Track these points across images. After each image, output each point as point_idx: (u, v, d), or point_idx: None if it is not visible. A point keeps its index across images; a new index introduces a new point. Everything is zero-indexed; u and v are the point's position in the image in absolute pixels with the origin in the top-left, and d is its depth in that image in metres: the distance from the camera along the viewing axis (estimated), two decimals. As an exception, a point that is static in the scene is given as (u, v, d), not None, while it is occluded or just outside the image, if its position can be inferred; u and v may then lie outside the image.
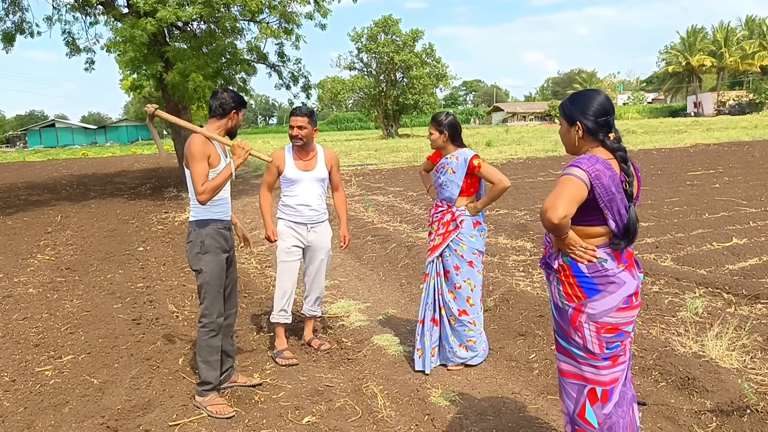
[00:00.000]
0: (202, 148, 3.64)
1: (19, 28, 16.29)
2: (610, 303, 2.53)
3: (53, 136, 71.79)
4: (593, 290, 2.53)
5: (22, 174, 26.42)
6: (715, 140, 26.55)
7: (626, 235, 2.54)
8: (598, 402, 2.58)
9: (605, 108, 2.59)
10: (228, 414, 3.71)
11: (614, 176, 2.49)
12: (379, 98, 58.46)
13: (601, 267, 2.52)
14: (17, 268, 7.96)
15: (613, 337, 2.56)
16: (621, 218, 2.51)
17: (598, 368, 2.58)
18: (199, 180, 3.62)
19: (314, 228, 4.65)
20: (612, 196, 2.47)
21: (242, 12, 15.88)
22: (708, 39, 79.19)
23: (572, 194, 2.39)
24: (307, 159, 4.58)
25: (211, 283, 3.78)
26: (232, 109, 3.78)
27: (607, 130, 2.58)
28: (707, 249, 7.08)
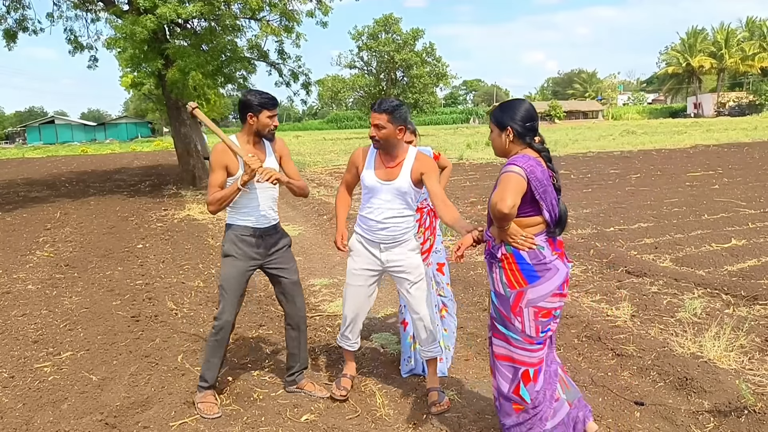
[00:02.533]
0: (218, 158, 3.59)
1: (21, 25, 16.28)
2: (547, 288, 2.84)
3: (52, 133, 71.70)
4: (533, 277, 2.83)
5: (21, 170, 26.41)
6: (714, 141, 26.57)
7: (559, 224, 2.91)
8: (531, 382, 2.91)
9: (531, 114, 2.92)
10: (213, 415, 3.67)
11: (544, 171, 2.86)
12: (379, 97, 58.41)
13: (541, 255, 2.83)
14: (16, 265, 7.96)
15: (547, 321, 2.88)
16: (553, 209, 2.87)
17: (531, 351, 2.89)
18: (209, 189, 3.61)
19: (390, 248, 3.74)
20: (545, 188, 2.83)
21: (243, 10, 15.87)
22: (708, 40, 79.23)
23: (516, 187, 2.73)
24: (389, 165, 3.68)
25: (224, 286, 3.73)
26: (247, 113, 3.63)
27: (533, 133, 2.92)
28: (706, 250, 7.09)
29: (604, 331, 4.67)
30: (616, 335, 4.59)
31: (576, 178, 15.04)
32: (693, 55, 77.46)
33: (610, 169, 16.81)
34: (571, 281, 6.11)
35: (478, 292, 5.92)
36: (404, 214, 3.70)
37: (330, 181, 16.89)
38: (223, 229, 10.35)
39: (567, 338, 4.70)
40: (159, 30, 14.54)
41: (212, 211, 3.66)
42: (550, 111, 78.44)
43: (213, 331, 3.77)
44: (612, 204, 10.58)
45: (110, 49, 15.43)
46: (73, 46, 16.88)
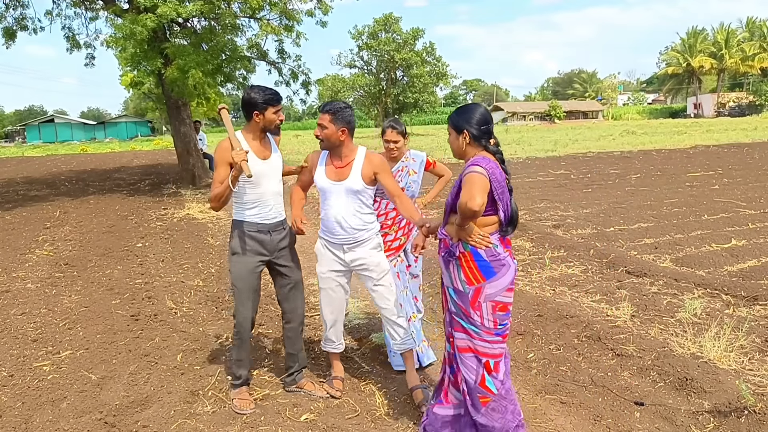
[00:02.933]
0: (222, 154, 3.60)
1: (20, 24, 16.25)
2: (502, 283, 2.99)
3: (52, 132, 71.64)
4: (491, 273, 2.97)
5: (20, 169, 26.39)
6: (714, 142, 26.57)
7: (511, 223, 3.03)
8: (493, 371, 3.02)
9: (486, 118, 3.07)
10: (248, 410, 3.74)
11: (502, 173, 2.98)
12: (379, 96, 58.51)
13: (496, 252, 2.98)
14: (16, 263, 7.95)
15: (504, 315, 3.03)
16: (507, 209, 3.00)
17: (491, 343, 3.01)
18: (213, 184, 3.61)
19: (353, 248, 3.79)
20: (503, 188, 2.96)
21: (243, 9, 15.86)
22: (708, 40, 79.22)
23: (482, 186, 2.85)
24: (339, 166, 3.74)
25: (236, 284, 3.76)
26: (253, 111, 3.63)
27: (488, 136, 3.06)
28: (706, 250, 7.09)
29: (604, 331, 4.67)
30: (616, 335, 4.58)
31: (576, 178, 15.03)
32: (693, 56, 77.45)
33: (610, 169, 16.80)
34: (571, 281, 6.11)
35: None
36: (361, 212, 3.75)
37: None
38: (223, 228, 10.37)
39: (567, 338, 4.70)
40: (159, 29, 14.53)
41: (214, 208, 3.65)
42: (550, 111, 78.42)
43: (234, 330, 3.83)
44: (612, 204, 10.57)
45: (110, 48, 15.42)
46: (71, 44, 16.85)
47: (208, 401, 3.89)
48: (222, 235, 9.65)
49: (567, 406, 3.77)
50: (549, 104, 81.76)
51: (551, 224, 8.92)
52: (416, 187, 4.42)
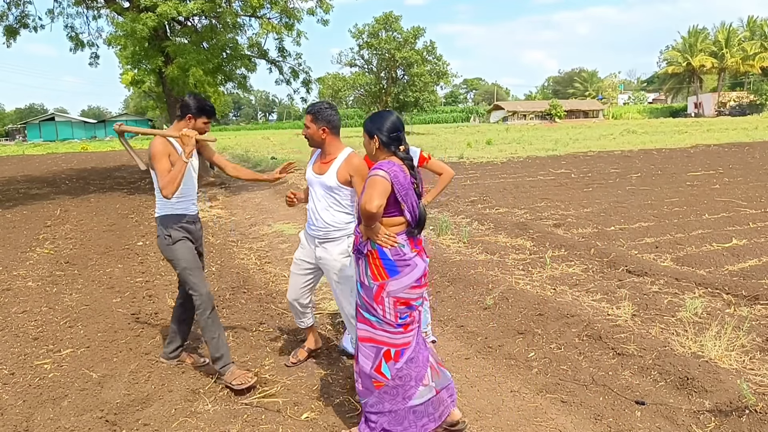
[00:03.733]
0: (162, 147, 3.90)
1: (21, 21, 16.25)
2: (406, 281, 3.20)
3: (53, 130, 71.65)
4: (394, 271, 3.18)
5: (21, 167, 26.39)
6: (715, 141, 26.57)
7: (418, 224, 3.24)
8: (392, 360, 3.25)
9: (395, 126, 3.27)
10: (250, 382, 3.96)
11: (406, 177, 3.19)
12: (379, 95, 58.47)
13: (401, 251, 3.18)
14: (16, 262, 7.95)
15: (405, 309, 3.24)
16: (414, 211, 3.21)
17: (392, 334, 3.24)
18: (161, 175, 3.83)
19: (324, 244, 3.99)
20: (407, 191, 3.16)
21: (243, 7, 15.87)
22: (709, 40, 79.18)
23: (381, 189, 3.06)
24: (323, 162, 3.97)
25: (188, 266, 4.05)
26: (187, 114, 4.01)
27: (397, 143, 3.26)
28: (707, 249, 7.08)
29: (605, 330, 4.67)
30: (616, 334, 4.58)
31: (576, 177, 15.03)
32: (694, 55, 77.45)
33: (611, 168, 16.79)
34: (572, 280, 6.11)
35: (478, 291, 5.91)
36: (335, 209, 3.94)
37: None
38: (224, 227, 10.36)
39: (568, 337, 4.70)
40: (159, 27, 14.53)
41: (170, 192, 3.83)
42: (550, 110, 78.41)
43: (200, 312, 4.03)
44: (612, 203, 10.57)
45: (111, 46, 15.42)
46: (74, 43, 16.87)
47: (209, 399, 3.89)
48: (223, 233, 9.65)
49: (568, 405, 3.77)
50: (549, 103, 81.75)
51: (552, 223, 8.92)
52: None
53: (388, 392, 3.25)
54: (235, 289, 6.44)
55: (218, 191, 14.97)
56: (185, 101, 4.08)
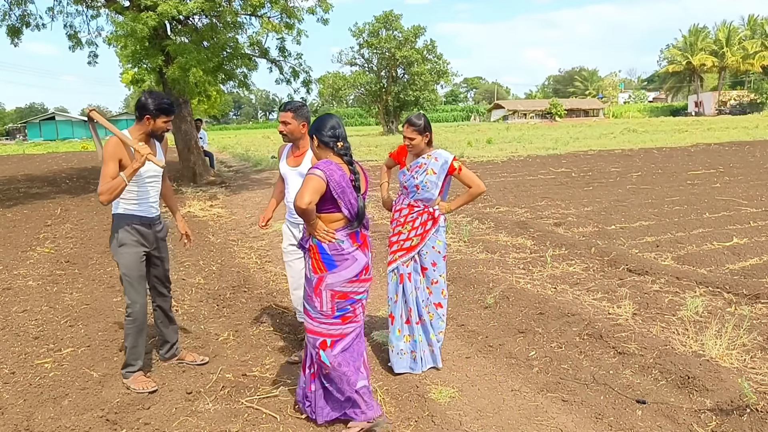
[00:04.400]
0: (113, 150, 3.80)
1: (23, 20, 16.23)
2: (344, 276, 3.37)
3: (53, 129, 71.64)
4: (332, 265, 3.36)
5: (21, 167, 26.40)
6: (715, 140, 26.57)
7: (358, 219, 3.40)
8: (329, 349, 3.42)
9: (332, 126, 3.46)
10: (150, 388, 3.97)
11: (344, 175, 3.34)
12: (379, 94, 58.43)
13: (339, 247, 3.36)
14: (17, 261, 7.95)
15: (344, 302, 3.42)
16: (352, 207, 3.36)
17: (329, 325, 3.42)
18: (103, 179, 3.77)
19: None
20: (343, 189, 3.31)
21: (244, 6, 15.85)
22: (710, 38, 79.12)
23: (314, 187, 3.23)
24: (296, 155, 4.34)
25: (128, 273, 3.99)
26: (145, 115, 3.92)
27: (335, 140, 3.44)
28: (708, 248, 7.08)
29: (606, 329, 4.67)
30: (617, 333, 4.58)
31: (577, 176, 15.02)
32: (694, 54, 77.41)
33: (611, 167, 16.79)
34: (573, 279, 6.10)
35: (479, 290, 5.91)
36: None
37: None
38: (224, 226, 10.35)
39: (569, 336, 4.69)
40: (160, 27, 14.51)
41: (105, 200, 3.77)
42: (550, 109, 78.36)
43: (129, 319, 4.01)
44: (613, 202, 10.56)
45: (111, 45, 15.40)
46: (74, 42, 16.84)
47: (210, 399, 3.89)
48: (223, 232, 9.65)
49: (569, 404, 3.77)
50: (550, 102, 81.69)
51: (552, 222, 8.92)
52: (433, 188, 4.25)
53: (332, 377, 3.45)
54: (235, 288, 6.44)
55: (218, 190, 14.97)
56: (142, 101, 3.94)
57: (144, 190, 4.03)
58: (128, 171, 3.77)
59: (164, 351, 4.47)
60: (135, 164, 3.77)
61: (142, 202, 4.03)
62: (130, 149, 3.85)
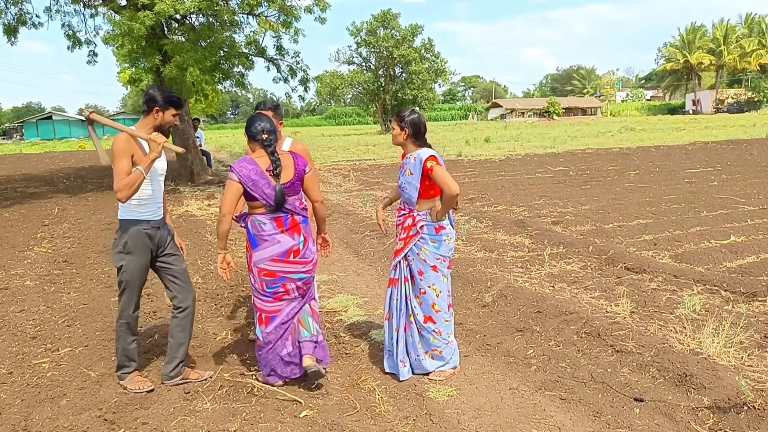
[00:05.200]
0: (124, 146, 3.68)
1: (20, 19, 16.19)
2: (265, 254, 3.78)
3: (50, 129, 71.49)
4: (254, 244, 3.81)
5: (19, 166, 26.35)
6: (713, 138, 26.60)
7: (278, 205, 3.74)
8: (263, 324, 3.91)
9: (257, 122, 3.82)
10: (147, 387, 3.96)
11: (256, 168, 3.72)
12: (377, 93, 58.41)
13: (260, 227, 3.77)
14: (14, 261, 7.94)
15: (272, 281, 3.83)
16: (266, 196, 3.72)
17: (263, 300, 3.89)
18: (118, 177, 3.65)
19: None
20: (254, 181, 3.69)
21: (241, 5, 15.83)
22: (707, 37, 79.19)
23: (231, 194, 3.71)
24: None
25: (131, 281, 3.90)
26: (154, 107, 3.82)
27: (261, 133, 3.78)
28: (705, 246, 7.09)
29: (604, 327, 4.67)
30: (615, 331, 4.58)
31: (575, 174, 15.03)
32: (692, 52, 77.49)
33: (609, 165, 16.81)
34: (570, 277, 6.11)
35: (477, 288, 5.92)
36: None
37: (329, 177, 16.86)
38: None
39: (566, 334, 4.70)
40: (157, 26, 14.49)
41: (124, 197, 3.67)
42: (548, 108, 78.38)
43: (122, 322, 3.96)
44: (611, 200, 10.58)
45: (108, 44, 15.38)
46: (72, 41, 16.80)
47: (208, 398, 3.88)
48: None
49: (567, 403, 3.78)
50: (547, 101, 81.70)
51: (550, 221, 8.93)
52: (412, 190, 4.04)
53: (262, 352, 3.94)
54: (233, 287, 6.43)
55: (216, 189, 14.94)
56: (150, 94, 3.86)
57: (156, 188, 3.94)
58: (146, 162, 3.69)
59: (170, 369, 4.06)
60: (152, 154, 3.70)
61: (152, 202, 3.92)
62: (141, 144, 3.77)
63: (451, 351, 4.21)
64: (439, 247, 4.10)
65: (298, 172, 3.85)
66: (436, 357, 4.17)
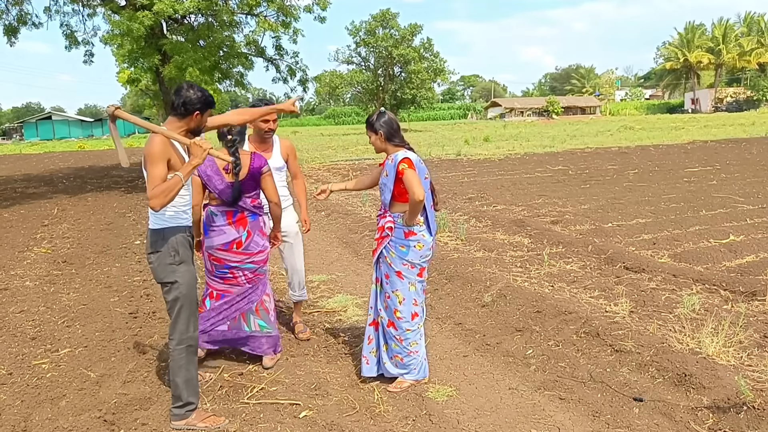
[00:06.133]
0: (162, 149, 3.28)
1: (20, 19, 16.21)
2: (212, 243, 4.22)
3: (50, 129, 71.46)
4: (206, 232, 4.25)
5: (18, 166, 26.34)
6: (712, 137, 26.62)
7: (233, 201, 4.13)
8: (213, 298, 4.38)
9: None
10: (223, 423, 3.56)
11: (213, 165, 4.11)
12: (376, 92, 58.40)
13: (212, 218, 4.21)
14: (14, 261, 7.94)
15: (220, 266, 4.28)
16: (219, 191, 4.13)
17: (213, 281, 4.36)
18: (152, 182, 3.23)
19: None
20: (209, 176, 4.12)
21: (240, 5, 15.85)
22: (706, 35, 79.19)
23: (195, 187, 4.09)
24: (264, 150, 4.74)
25: (188, 294, 3.52)
26: (195, 111, 3.43)
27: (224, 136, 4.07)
28: (704, 246, 7.09)
29: (603, 327, 4.67)
30: (614, 331, 4.59)
31: (574, 173, 15.04)
32: (691, 51, 77.46)
33: (608, 164, 16.81)
34: (569, 277, 6.11)
35: (476, 288, 5.92)
36: (280, 185, 4.68)
37: (327, 177, 16.86)
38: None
39: (566, 334, 4.70)
40: (156, 26, 14.50)
41: (159, 205, 3.21)
42: (547, 107, 78.39)
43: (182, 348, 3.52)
44: (610, 200, 10.58)
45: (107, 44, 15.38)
46: (69, 41, 16.82)
47: (208, 398, 3.88)
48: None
49: (566, 402, 3.78)
50: (546, 100, 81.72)
51: (549, 220, 8.93)
52: (386, 192, 3.97)
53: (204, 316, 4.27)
54: (233, 287, 6.43)
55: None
56: (189, 95, 3.41)
57: (189, 193, 3.61)
58: (186, 169, 3.27)
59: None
60: (195, 160, 3.27)
61: (188, 209, 3.60)
62: (176, 147, 3.41)
63: (413, 361, 4.05)
64: (407, 252, 3.96)
65: (252, 170, 4.15)
66: (399, 365, 4.05)
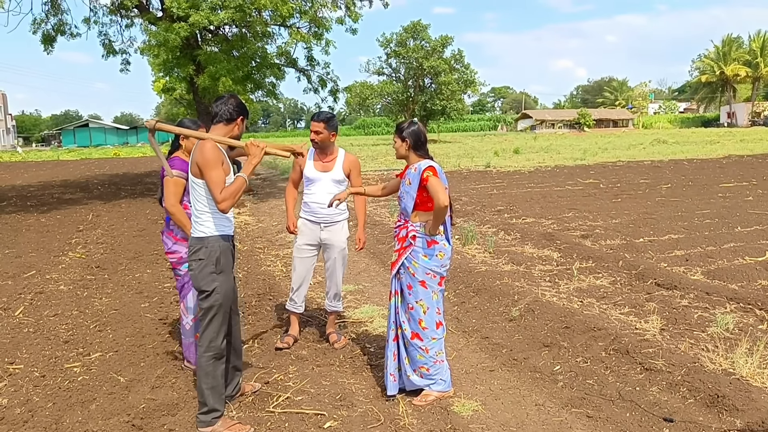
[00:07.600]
0: (217, 154, 3.41)
1: (59, 29, 16.71)
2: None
3: (87, 136, 73.28)
4: None
5: (56, 172, 27.01)
6: (748, 152, 26.04)
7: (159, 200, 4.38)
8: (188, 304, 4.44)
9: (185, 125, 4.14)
10: (249, 430, 3.60)
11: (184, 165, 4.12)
12: (406, 103, 58.59)
13: None
14: (49, 265, 8.13)
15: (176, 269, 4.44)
16: None
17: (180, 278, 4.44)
18: (217, 187, 3.37)
19: (328, 227, 4.90)
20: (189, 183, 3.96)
21: (273, 16, 16.06)
22: (743, 48, 77.67)
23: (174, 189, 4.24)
24: (325, 161, 4.84)
25: (224, 305, 3.56)
26: (239, 116, 3.61)
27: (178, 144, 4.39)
28: (739, 263, 6.93)
29: (633, 344, 4.59)
30: (644, 349, 4.50)
31: (605, 187, 14.85)
32: (727, 64, 76.04)
33: (640, 178, 16.56)
34: (599, 293, 6.02)
35: (504, 302, 5.87)
36: None
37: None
38: (251, 233, 10.41)
39: (594, 351, 4.63)
40: (191, 36, 14.79)
41: (228, 207, 3.39)
42: (579, 119, 77.61)
43: (210, 356, 3.54)
44: (642, 214, 10.41)
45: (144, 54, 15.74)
46: (107, 50, 17.27)
47: (234, 406, 3.92)
48: (250, 240, 9.73)
49: (593, 421, 3.72)
50: (578, 112, 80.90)
51: (579, 234, 8.82)
52: (408, 200, 3.97)
53: None
54: (261, 295, 6.49)
55: (246, 198, 15.11)
56: (232, 102, 3.59)
57: None
58: (248, 169, 3.44)
59: (231, 388, 3.93)
60: (254, 159, 3.44)
61: (230, 216, 3.65)
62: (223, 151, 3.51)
63: (439, 370, 4.04)
64: (430, 261, 3.98)
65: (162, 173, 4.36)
66: (425, 375, 4.04)
